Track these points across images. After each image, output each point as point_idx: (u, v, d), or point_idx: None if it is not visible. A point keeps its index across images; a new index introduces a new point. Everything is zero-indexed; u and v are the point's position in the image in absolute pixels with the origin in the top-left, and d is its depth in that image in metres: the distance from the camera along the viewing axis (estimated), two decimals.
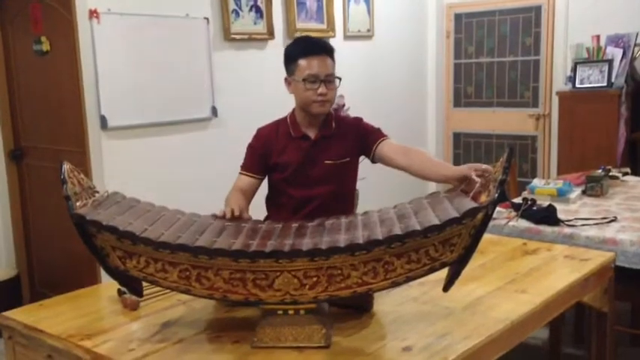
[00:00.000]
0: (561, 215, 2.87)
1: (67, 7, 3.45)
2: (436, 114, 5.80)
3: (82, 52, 3.43)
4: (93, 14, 3.40)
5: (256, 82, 4.23)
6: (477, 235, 1.62)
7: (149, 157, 3.72)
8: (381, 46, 5.21)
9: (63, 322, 1.89)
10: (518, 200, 3.14)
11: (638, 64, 4.54)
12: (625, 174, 3.74)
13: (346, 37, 4.88)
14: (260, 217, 2.27)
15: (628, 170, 3.83)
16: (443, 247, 1.62)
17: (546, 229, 2.78)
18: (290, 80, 2.17)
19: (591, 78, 4.45)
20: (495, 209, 1.65)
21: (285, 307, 1.67)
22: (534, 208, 2.96)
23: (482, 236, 1.63)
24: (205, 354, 1.68)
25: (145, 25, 3.63)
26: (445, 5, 5.68)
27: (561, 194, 3.21)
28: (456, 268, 1.67)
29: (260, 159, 2.22)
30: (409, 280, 1.66)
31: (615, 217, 2.83)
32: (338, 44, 4.58)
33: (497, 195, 1.60)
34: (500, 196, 1.64)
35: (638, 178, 3.74)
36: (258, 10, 4.21)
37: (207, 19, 3.93)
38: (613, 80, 4.38)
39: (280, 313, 1.68)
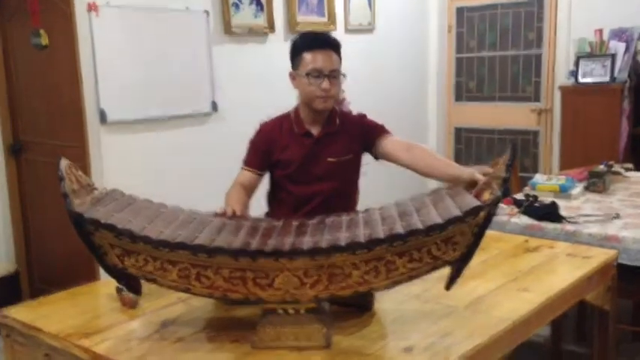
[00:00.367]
0: (563, 212, 2.85)
1: (65, 0, 3.42)
2: (437, 108, 5.78)
3: (81, 46, 3.41)
4: (91, 7, 3.37)
5: (257, 76, 4.20)
6: (480, 234, 1.60)
7: (149, 152, 3.70)
8: (383, 40, 5.18)
9: (61, 320, 1.87)
10: (520, 196, 3.12)
11: None
12: (627, 169, 3.72)
13: (347, 31, 4.85)
14: (260, 212, 2.26)
15: (630, 166, 3.81)
16: (445, 246, 1.60)
17: (548, 225, 2.76)
18: (294, 74, 2.15)
19: (594, 72, 4.42)
20: (498, 206, 1.63)
21: (286, 307, 1.65)
22: (536, 204, 2.94)
23: (484, 234, 1.61)
24: (205, 353, 1.67)
25: (144, 19, 3.60)
26: None
27: (563, 190, 3.18)
28: (459, 266, 1.65)
29: (262, 155, 2.20)
30: (411, 279, 1.64)
31: (618, 214, 2.81)
32: (339, 38, 4.49)
33: (500, 193, 1.58)
34: (503, 192, 1.62)
35: None
36: (258, 4, 4.18)
37: (207, 12, 3.90)
38: (616, 75, 4.35)
39: (280, 312, 1.66)
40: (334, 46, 2.12)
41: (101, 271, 1.80)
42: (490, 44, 5.48)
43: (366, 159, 2.28)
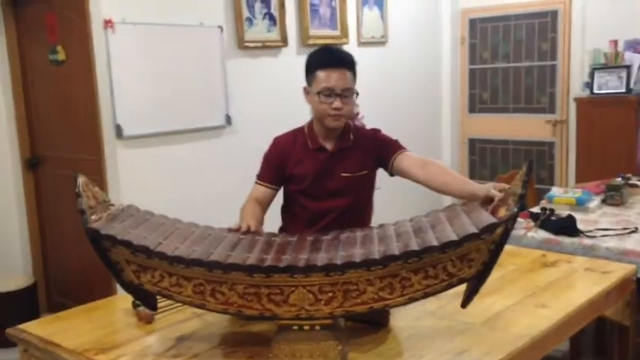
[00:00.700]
0: (581, 225, 2.83)
1: (82, 16, 3.47)
2: (451, 120, 5.77)
3: (97, 62, 3.45)
4: (108, 24, 3.41)
5: (270, 90, 4.22)
6: (496, 251, 1.59)
7: (164, 166, 3.72)
8: (396, 52, 5.18)
9: (78, 335, 1.88)
10: (536, 210, 3.10)
11: None
12: None
13: (360, 44, 4.87)
14: (275, 226, 2.26)
15: None
16: (461, 263, 1.59)
17: (565, 239, 2.74)
18: (308, 90, 2.15)
19: (609, 84, 4.39)
20: (515, 223, 1.62)
21: (301, 323, 1.65)
22: (553, 218, 2.92)
23: (501, 252, 1.60)
24: None
25: (159, 35, 3.63)
26: (460, 10, 5.64)
27: (580, 203, 3.16)
28: (475, 284, 1.64)
29: (276, 169, 2.20)
30: (426, 296, 1.62)
31: (636, 228, 2.78)
32: (352, 51, 4.50)
33: (516, 210, 1.57)
34: (519, 208, 1.60)
35: None
36: (271, 18, 4.20)
37: (220, 27, 3.93)
38: (632, 86, 4.32)
39: (295, 328, 1.65)
40: (348, 64, 2.09)
41: (118, 284, 1.81)
42: (503, 55, 5.47)
43: (381, 174, 2.28)
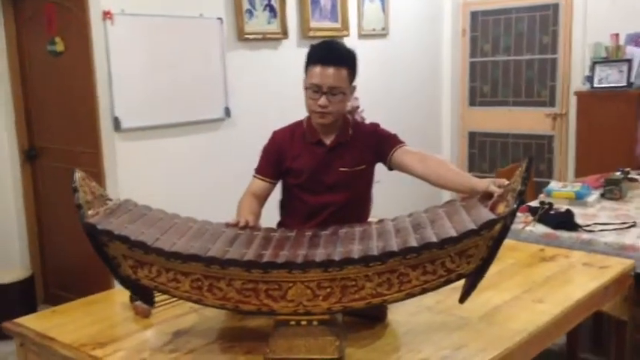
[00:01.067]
0: (579, 219, 2.83)
1: (81, 7, 3.45)
2: (451, 113, 5.75)
3: (96, 53, 3.43)
4: (106, 15, 3.39)
5: (270, 83, 4.21)
6: (495, 247, 1.58)
7: (162, 158, 3.71)
8: (396, 45, 5.16)
9: (75, 329, 1.88)
10: (535, 203, 3.09)
11: None
12: None
13: (361, 36, 4.84)
14: (273, 220, 2.25)
15: None
16: (459, 259, 1.58)
17: (564, 234, 2.73)
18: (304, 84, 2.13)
19: (610, 78, 4.38)
20: (514, 219, 1.61)
21: (298, 318, 1.64)
22: (552, 212, 2.91)
23: (500, 247, 1.59)
24: None
25: (159, 26, 3.61)
26: (461, 3, 5.62)
27: (579, 197, 3.15)
28: (473, 279, 1.64)
29: (274, 163, 2.19)
30: (424, 292, 1.62)
31: (635, 223, 2.78)
32: (352, 43, 4.53)
33: (515, 206, 1.56)
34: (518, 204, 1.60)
35: None
36: (272, 10, 4.18)
37: (220, 19, 3.91)
38: (632, 80, 4.30)
39: (293, 324, 1.65)
40: (342, 62, 2.04)
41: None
42: (504, 48, 5.44)
43: (380, 167, 2.27)
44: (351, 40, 4.66)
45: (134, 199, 1.92)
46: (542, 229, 2.82)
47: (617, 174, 3.45)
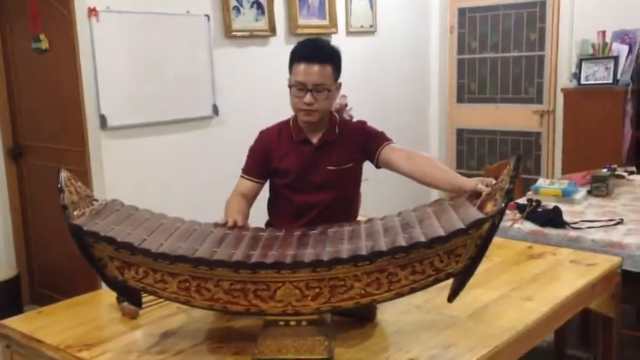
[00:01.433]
0: (567, 217, 2.84)
1: (65, 4, 3.42)
2: (439, 110, 5.76)
3: (81, 51, 3.40)
4: (92, 12, 3.36)
5: (258, 80, 4.19)
6: (484, 246, 1.59)
7: (149, 157, 3.69)
8: (384, 42, 5.16)
9: (61, 331, 1.86)
10: (522, 201, 3.10)
11: None
12: (631, 173, 3.70)
13: (349, 33, 4.83)
14: (261, 220, 2.24)
15: (634, 169, 3.79)
16: (448, 258, 1.59)
17: (551, 231, 2.74)
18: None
19: (597, 75, 4.40)
20: (502, 218, 1.61)
21: (287, 319, 1.64)
22: (539, 209, 2.92)
23: (488, 246, 1.60)
24: None
25: (145, 23, 3.58)
26: (449, 0, 5.62)
27: (566, 195, 3.17)
28: (462, 278, 1.64)
29: (261, 163, 2.18)
30: (413, 291, 1.62)
31: (621, 220, 2.79)
32: (340, 40, 4.54)
33: (504, 205, 1.56)
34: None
35: None
36: (259, 7, 4.16)
37: (207, 16, 3.88)
38: (619, 77, 4.32)
39: (282, 324, 1.64)
40: (325, 59, 2.03)
41: None
42: (492, 45, 5.46)
43: (367, 165, 2.26)
44: (339, 37, 4.65)
45: (121, 198, 1.90)
46: (529, 226, 2.83)
47: (604, 171, 3.47)
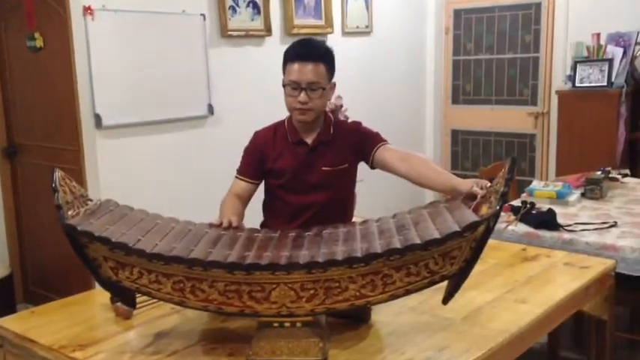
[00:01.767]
0: (561, 219, 2.84)
1: (61, 3, 3.40)
2: (434, 111, 5.77)
3: (76, 49, 3.38)
4: (87, 11, 3.34)
5: (253, 80, 4.18)
6: (478, 248, 1.59)
7: (145, 156, 3.68)
8: (380, 42, 5.16)
9: (55, 331, 1.85)
10: (517, 203, 3.11)
11: (638, 63, 4.50)
12: (624, 175, 3.71)
13: (344, 34, 4.83)
14: (256, 221, 2.24)
15: (627, 172, 3.80)
16: (443, 260, 1.59)
17: (546, 234, 2.75)
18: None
19: (591, 77, 4.41)
20: (497, 221, 1.62)
21: (282, 320, 1.64)
22: (533, 211, 2.93)
23: (483, 249, 1.60)
24: None
25: (140, 22, 3.57)
26: (444, 1, 5.63)
27: (560, 197, 3.17)
28: (456, 281, 1.64)
29: (256, 163, 2.17)
30: (408, 293, 1.63)
31: (615, 222, 2.80)
32: (336, 40, 4.53)
33: (498, 208, 1.56)
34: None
35: (637, 179, 3.71)
36: (255, 6, 4.15)
37: (203, 15, 3.87)
38: (613, 80, 4.34)
39: (276, 325, 1.64)
40: (318, 57, 2.03)
41: None
42: (487, 47, 5.47)
43: (362, 166, 2.26)
44: (335, 38, 4.65)
45: (115, 197, 1.90)
46: (524, 228, 2.84)
47: (598, 173, 3.47)
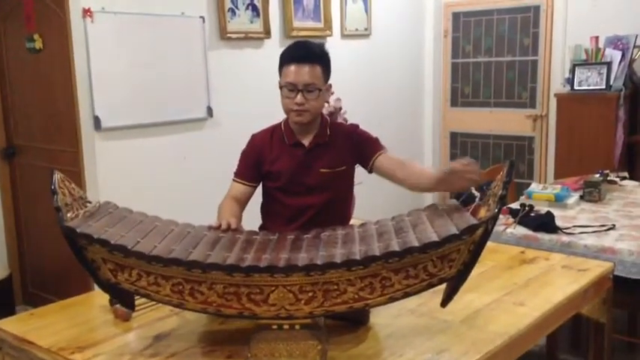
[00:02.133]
0: (559, 222, 2.85)
1: (60, 5, 3.40)
2: (433, 113, 5.77)
3: (76, 51, 3.39)
4: (86, 13, 3.35)
5: (252, 82, 4.19)
6: (477, 251, 1.60)
7: (144, 158, 3.68)
8: (379, 45, 5.17)
9: (54, 333, 1.85)
10: (515, 205, 3.11)
11: (636, 66, 4.51)
12: (623, 178, 3.72)
13: (343, 36, 4.84)
14: (255, 224, 2.24)
15: (626, 174, 3.81)
16: (441, 263, 1.59)
17: (544, 236, 2.75)
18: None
19: (589, 80, 4.42)
20: (495, 224, 1.62)
21: (280, 322, 1.64)
22: (532, 214, 2.94)
23: (481, 252, 1.60)
24: None
25: (140, 24, 3.57)
26: (443, 4, 5.64)
27: (559, 200, 3.18)
28: (455, 283, 1.65)
29: (253, 166, 2.18)
30: (407, 296, 1.63)
31: (613, 225, 2.81)
32: (335, 43, 4.54)
33: (497, 211, 1.57)
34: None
35: (635, 182, 3.72)
36: (254, 9, 4.16)
37: (202, 17, 3.88)
38: (611, 83, 4.35)
39: (275, 327, 1.64)
40: (314, 59, 2.04)
41: None
42: (486, 50, 5.48)
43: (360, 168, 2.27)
44: (334, 40, 4.66)
45: (114, 199, 1.90)
46: (522, 231, 2.84)
47: (597, 176, 3.49)
